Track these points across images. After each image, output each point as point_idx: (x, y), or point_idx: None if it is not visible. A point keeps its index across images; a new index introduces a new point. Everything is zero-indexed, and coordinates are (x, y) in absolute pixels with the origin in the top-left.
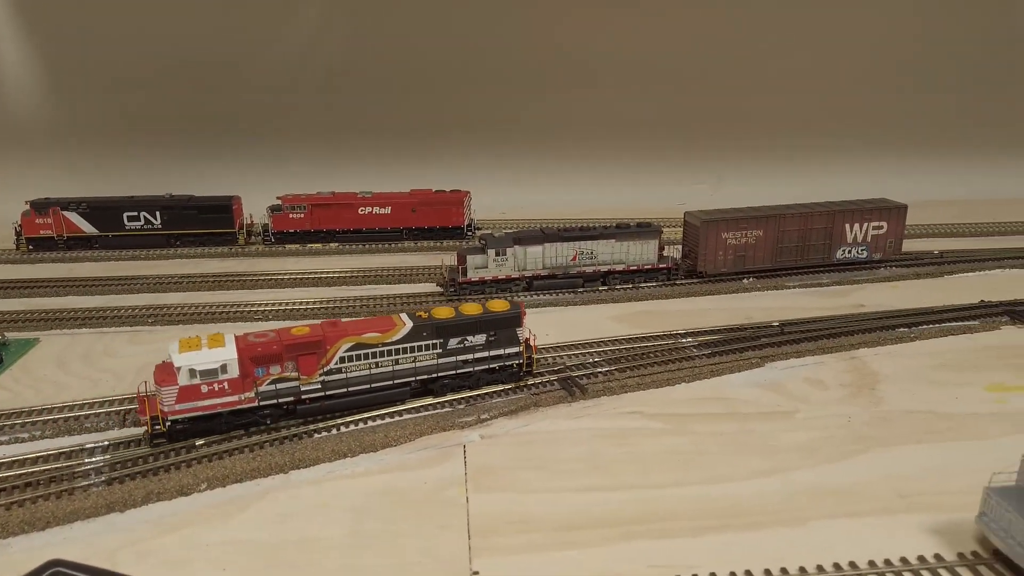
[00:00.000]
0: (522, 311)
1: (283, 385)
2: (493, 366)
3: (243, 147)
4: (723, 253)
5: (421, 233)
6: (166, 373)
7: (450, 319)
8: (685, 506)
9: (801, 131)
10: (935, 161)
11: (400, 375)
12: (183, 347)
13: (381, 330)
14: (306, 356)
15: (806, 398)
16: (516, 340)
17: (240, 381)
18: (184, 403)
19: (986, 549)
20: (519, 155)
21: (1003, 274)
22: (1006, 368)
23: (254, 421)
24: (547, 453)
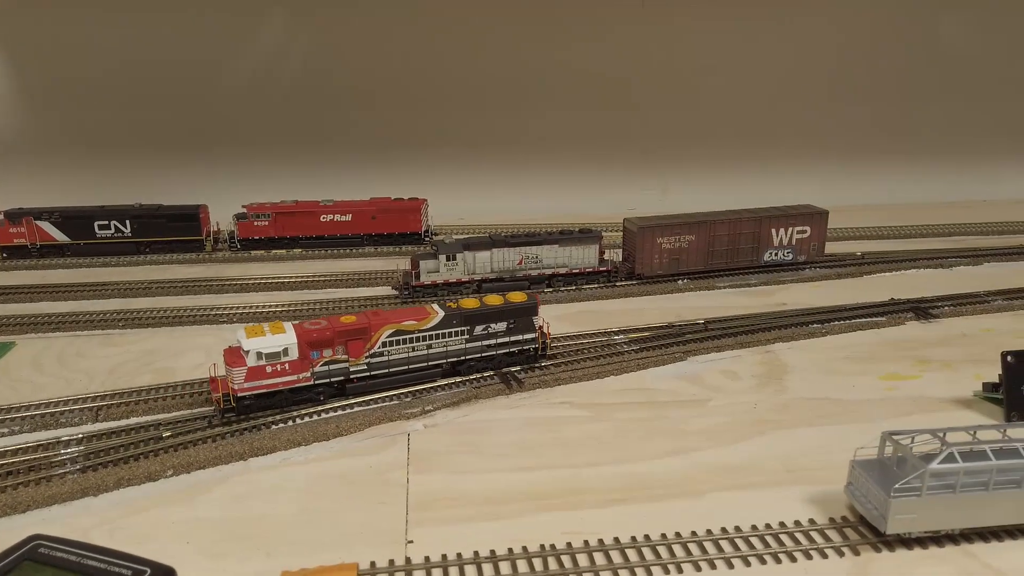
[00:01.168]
0: (537, 301)
1: (334, 366)
2: (513, 350)
3: (210, 158)
4: (659, 257)
5: (381, 239)
6: (235, 356)
7: (476, 309)
8: (597, 483)
9: (734, 141)
10: (856, 168)
11: (433, 358)
12: (250, 334)
13: (417, 318)
14: (354, 341)
15: (720, 388)
16: (533, 327)
17: (299, 363)
18: (251, 382)
19: (853, 515)
20: (476, 164)
21: (916, 273)
22: (903, 359)
23: (309, 398)
24: (483, 439)
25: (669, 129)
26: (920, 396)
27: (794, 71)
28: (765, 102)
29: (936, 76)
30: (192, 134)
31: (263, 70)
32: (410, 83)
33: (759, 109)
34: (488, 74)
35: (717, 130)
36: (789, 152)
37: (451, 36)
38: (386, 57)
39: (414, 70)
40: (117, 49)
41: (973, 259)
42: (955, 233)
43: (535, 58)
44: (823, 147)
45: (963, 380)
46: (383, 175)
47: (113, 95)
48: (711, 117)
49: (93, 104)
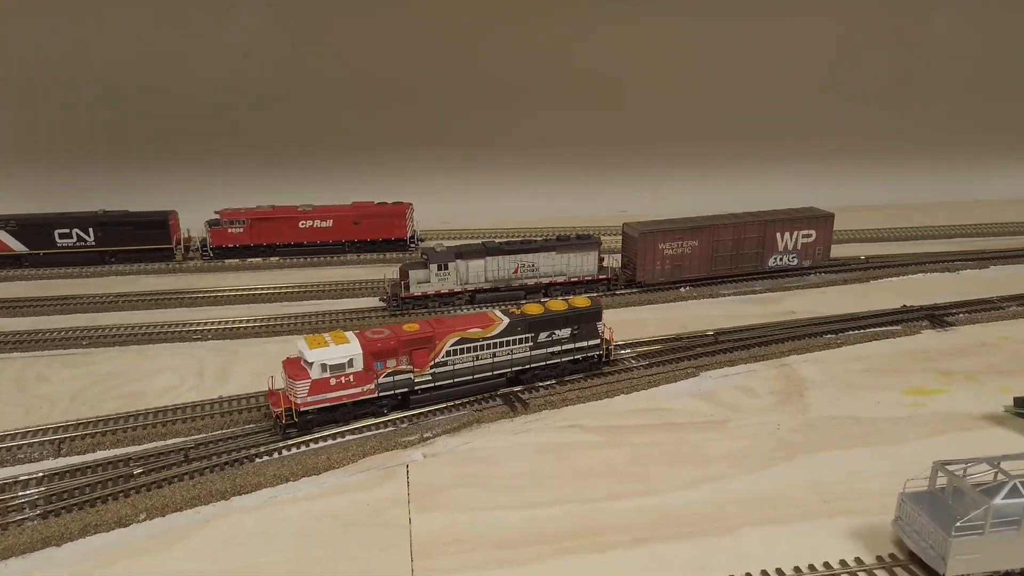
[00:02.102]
0: (601, 306)
1: (399, 377)
2: (577, 357)
3: (180, 161)
4: (660, 263)
5: (364, 246)
6: (297, 368)
7: (540, 315)
8: (619, 519)
9: (734, 143)
10: (859, 169)
11: (498, 366)
12: (312, 344)
13: (482, 326)
14: (419, 350)
15: (738, 406)
16: (596, 333)
17: (363, 374)
18: (315, 395)
19: (902, 551)
20: (462, 166)
21: (924, 278)
22: (924, 372)
23: (372, 411)
24: (488, 470)
25: (662, 130)
26: (948, 412)
27: (789, 72)
28: (759, 103)
29: (930, 77)
30: (160, 135)
31: (237, 67)
32: (394, 83)
33: (753, 110)
34: (475, 74)
35: (710, 131)
36: (782, 153)
37: (437, 35)
38: (369, 56)
39: (398, 69)
40: (76, 45)
41: (979, 262)
42: (956, 235)
43: (524, 58)
44: (816, 148)
45: (990, 394)
46: (365, 178)
47: (73, 94)
48: (704, 118)
49: (51, 104)
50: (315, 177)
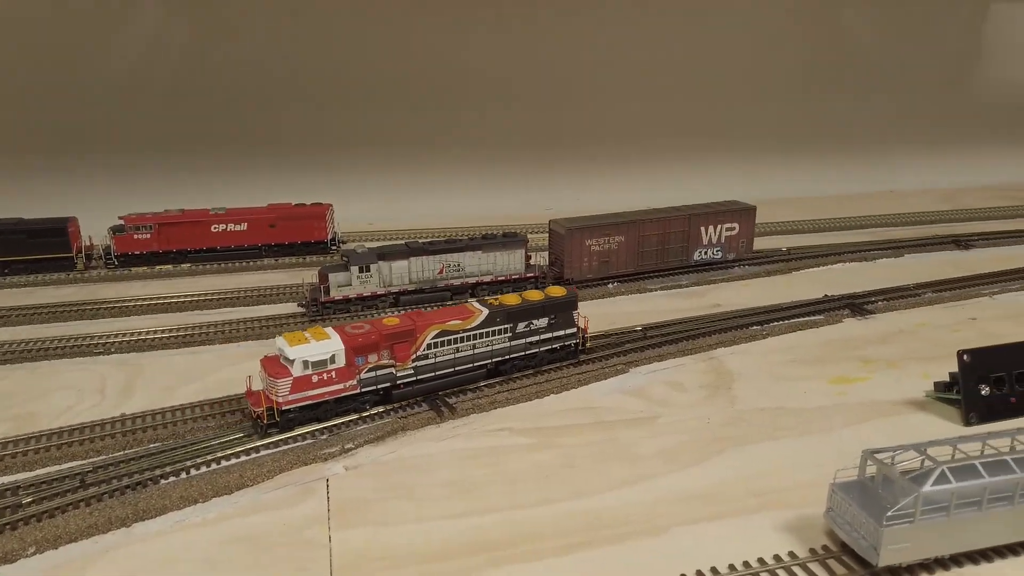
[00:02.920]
0: (576, 295)
1: (381, 372)
2: (555, 346)
3: (80, 164)
4: (588, 260)
5: (282, 249)
6: (277, 366)
7: (518, 305)
8: (552, 524)
9: (658, 138)
10: (778, 162)
11: (478, 358)
12: (292, 341)
13: (461, 318)
14: (400, 344)
15: (667, 402)
16: (573, 322)
17: (345, 370)
18: (297, 393)
19: (835, 543)
20: (385, 166)
21: (843, 268)
22: (847, 360)
23: (354, 407)
24: (415, 480)
25: (588, 127)
26: (872, 400)
27: (708, 67)
28: (681, 99)
29: (843, 71)
30: (58, 136)
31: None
32: (311, 80)
33: (676, 105)
34: (397, 72)
35: (635, 127)
36: (705, 148)
37: (354, 30)
38: (283, 51)
39: (316, 66)
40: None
41: (894, 251)
42: (871, 225)
43: (446, 55)
44: (738, 142)
45: (911, 379)
46: (283, 180)
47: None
48: (629, 114)
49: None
50: (228, 179)
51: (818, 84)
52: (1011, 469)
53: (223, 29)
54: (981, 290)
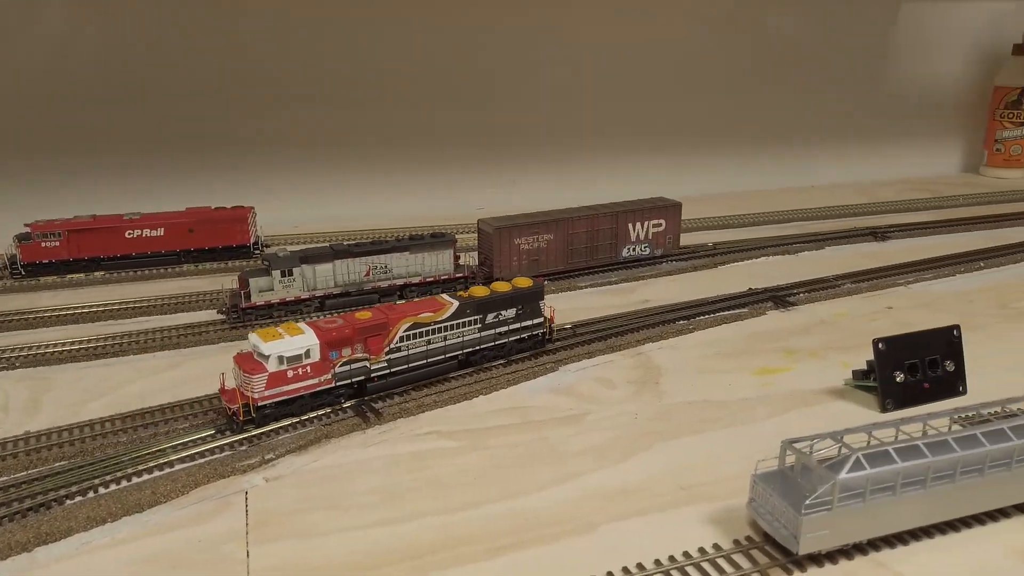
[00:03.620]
0: (543, 285)
1: (355, 366)
2: (523, 336)
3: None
4: (517, 259)
5: (202, 255)
6: (252, 362)
7: (487, 296)
8: (479, 527)
9: (586, 136)
10: (703, 159)
11: (450, 349)
12: (266, 337)
13: (433, 310)
14: (374, 337)
15: (596, 399)
16: (540, 312)
17: (320, 364)
18: (272, 388)
19: (758, 533)
20: (309, 167)
21: (767, 261)
22: (770, 351)
23: (329, 401)
24: (339, 489)
25: (516, 126)
26: (795, 390)
27: (635, 66)
28: (607, 97)
29: (767, 68)
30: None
31: (45, 62)
32: (226, 78)
33: (602, 104)
34: (321, 71)
35: (563, 125)
36: (632, 146)
37: (270, 26)
38: (195, 47)
39: (230, 63)
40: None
41: (816, 244)
42: (794, 219)
43: (369, 50)
44: (664, 139)
45: (832, 369)
46: (200, 183)
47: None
48: (556, 113)
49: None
50: (143, 182)
51: (741, 82)
52: (923, 454)
53: (133, 24)
54: (897, 280)
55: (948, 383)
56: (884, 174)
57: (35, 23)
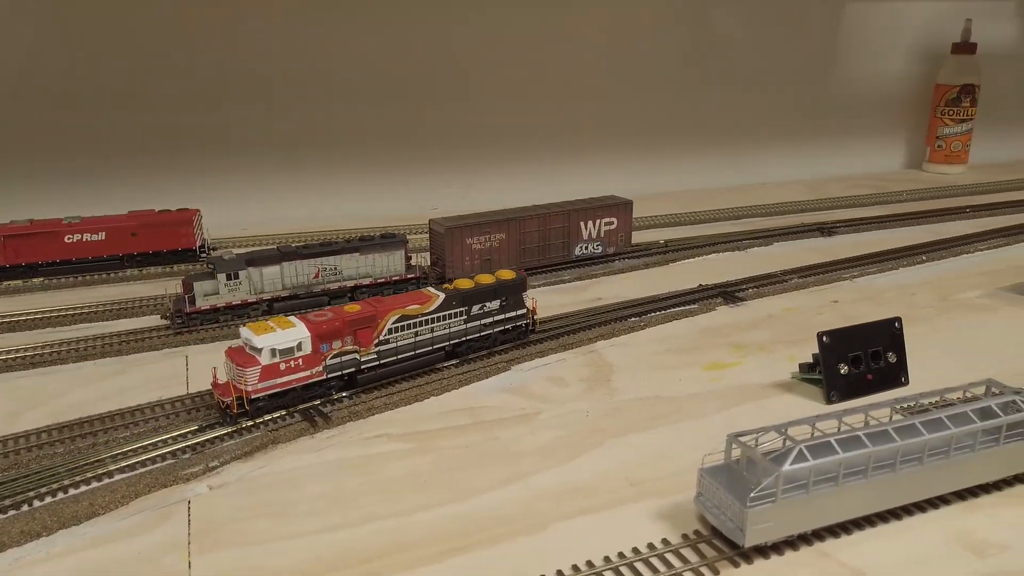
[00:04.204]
0: (525, 277)
1: (345, 358)
2: (507, 327)
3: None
4: (470, 258)
5: (146, 259)
6: (244, 356)
7: (472, 288)
8: (429, 530)
9: (539, 136)
10: (655, 157)
11: (437, 341)
12: (258, 331)
13: (420, 302)
14: (363, 330)
15: (548, 397)
16: (523, 303)
17: (312, 357)
18: (265, 381)
19: (706, 527)
20: (258, 168)
21: (717, 257)
22: (720, 347)
23: (321, 393)
24: (285, 496)
25: (470, 126)
26: (744, 384)
27: (585, 65)
28: (560, 97)
29: (716, 68)
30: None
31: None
32: (169, 77)
33: (556, 103)
34: (265, 65)
35: (517, 125)
36: (584, 144)
37: (213, 22)
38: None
39: (172, 61)
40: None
41: (764, 240)
42: (744, 216)
43: (319, 48)
44: (615, 138)
45: (779, 363)
46: (144, 185)
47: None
48: (509, 113)
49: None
50: (83, 185)
51: (691, 82)
52: (863, 444)
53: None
54: (842, 274)
55: (891, 374)
56: (832, 171)
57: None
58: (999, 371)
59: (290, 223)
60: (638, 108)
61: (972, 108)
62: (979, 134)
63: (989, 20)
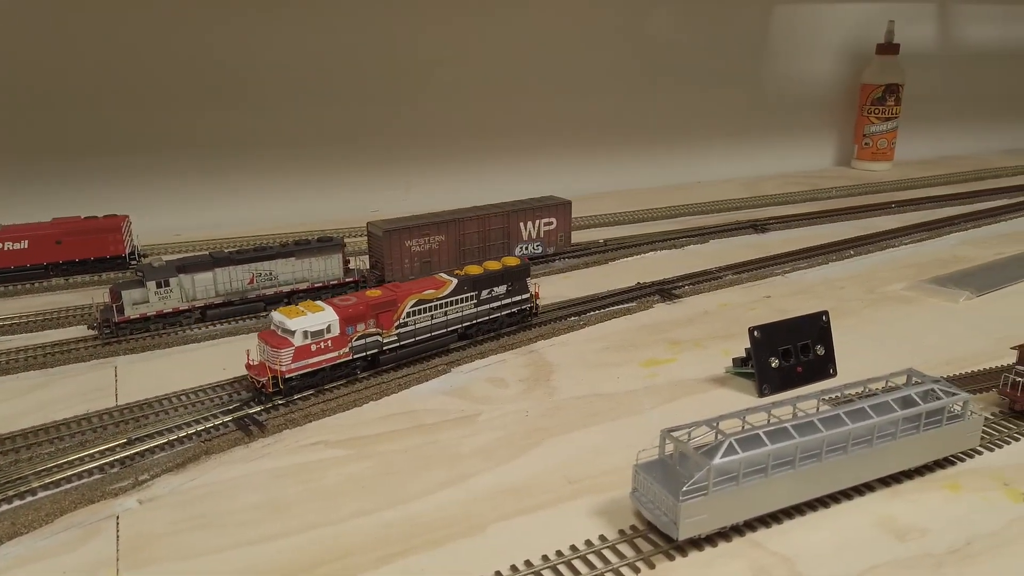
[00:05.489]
0: (528, 264)
1: (369, 339)
2: (513, 310)
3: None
4: (409, 261)
5: (72, 267)
6: (278, 339)
7: (481, 274)
8: (368, 536)
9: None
10: (593, 157)
11: (450, 323)
12: (290, 315)
13: (435, 287)
14: (384, 313)
15: (488, 398)
16: (527, 288)
17: (339, 339)
18: (298, 361)
19: (642, 522)
20: (187, 171)
21: (654, 256)
22: (657, 343)
23: (347, 373)
24: (219, 506)
25: (406, 126)
26: (679, 379)
27: (525, 65)
28: (499, 96)
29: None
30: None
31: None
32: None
33: (494, 104)
34: (195, 64)
35: (455, 126)
36: (527, 145)
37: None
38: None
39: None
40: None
41: (700, 238)
42: (681, 214)
43: (250, 46)
44: (555, 138)
45: (714, 358)
46: (69, 191)
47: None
48: (447, 113)
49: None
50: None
51: (629, 82)
52: (791, 435)
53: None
54: (775, 269)
55: (819, 366)
56: (766, 169)
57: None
58: (921, 360)
59: (225, 228)
60: (577, 108)
61: (896, 107)
62: (903, 132)
63: (911, 22)
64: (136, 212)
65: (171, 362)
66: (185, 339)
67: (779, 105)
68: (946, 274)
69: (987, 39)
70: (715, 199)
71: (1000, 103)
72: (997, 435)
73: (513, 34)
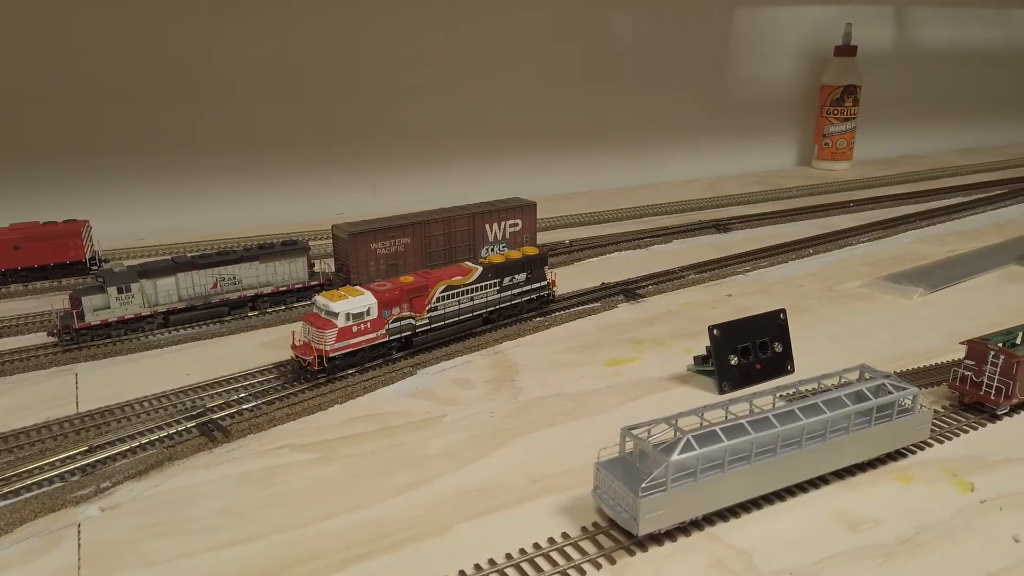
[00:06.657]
0: (546, 253)
1: (403, 322)
2: (532, 297)
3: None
4: (375, 263)
5: (31, 274)
6: (322, 321)
7: (504, 263)
8: (333, 539)
9: (444, 137)
10: (558, 159)
11: (476, 308)
12: (333, 298)
13: (463, 274)
14: (417, 298)
15: (454, 400)
16: (544, 276)
17: (377, 321)
18: (341, 342)
19: (603, 519)
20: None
21: (619, 256)
22: (620, 343)
23: (383, 353)
24: (182, 513)
25: (372, 129)
26: (642, 378)
27: (490, 66)
28: (464, 98)
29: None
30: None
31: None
32: (52, 74)
33: (459, 105)
34: (155, 65)
35: (421, 128)
36: (492, 146)
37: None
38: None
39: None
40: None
41: (664, 238)
42: (646, 214)
43: (211, 46)
44: (520, 140)
45: (676, 356)
46: (26, 195)
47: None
48: (412, 115)
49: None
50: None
51: (592, 83)
52: (747, 431)
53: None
54: (736, 268)
55: (777, 363)
56: (728, 169)
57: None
58: (876, 356)
59: (188, 232)
60: (541, 110)
61: (855, 107)
62: (862, 132)
63: (868, 24)
64: (97, 217)
65: (134, 368)
66: (148, 345)
67: (741, 106)
68: (901, 271)
69: (941, 41)
70: (679, 199)
71: (955, 103)
72: (947, 428)
73: (478, 36)
